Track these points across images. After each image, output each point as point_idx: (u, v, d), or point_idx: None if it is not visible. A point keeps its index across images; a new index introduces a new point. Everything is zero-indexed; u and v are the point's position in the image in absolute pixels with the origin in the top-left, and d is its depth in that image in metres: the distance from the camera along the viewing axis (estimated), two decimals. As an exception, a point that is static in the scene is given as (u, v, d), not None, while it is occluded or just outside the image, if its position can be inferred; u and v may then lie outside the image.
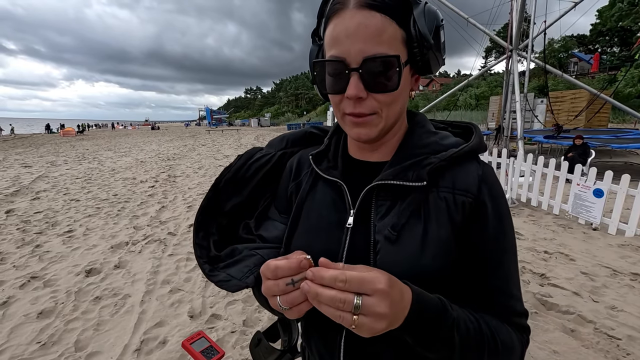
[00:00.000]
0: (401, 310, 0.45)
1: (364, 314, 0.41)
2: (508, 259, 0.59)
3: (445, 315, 0.49)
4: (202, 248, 0.71)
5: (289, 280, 0.45)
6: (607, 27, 38.80)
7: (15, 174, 9.56)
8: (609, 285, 3.16)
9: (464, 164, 0.60)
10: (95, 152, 15.77)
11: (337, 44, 0.53)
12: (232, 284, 0.63)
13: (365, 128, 0.57)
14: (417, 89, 0.63)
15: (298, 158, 0.75)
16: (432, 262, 0.55)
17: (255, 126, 58.48)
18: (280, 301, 0.47)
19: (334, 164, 0.68)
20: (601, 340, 2.42)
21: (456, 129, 0.70)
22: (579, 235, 4.44)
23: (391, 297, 0.43)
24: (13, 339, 2.50)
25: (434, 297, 0.50)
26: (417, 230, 0.56)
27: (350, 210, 0.62)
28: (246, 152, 0.78)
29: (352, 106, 0.55)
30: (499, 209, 0.58)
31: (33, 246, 4.26)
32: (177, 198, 6.72)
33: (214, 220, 0.74)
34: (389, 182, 0.58)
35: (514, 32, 9.78)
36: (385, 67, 0.52)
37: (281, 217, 0.73)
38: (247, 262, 0.65)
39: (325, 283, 0.42)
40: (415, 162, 0.59)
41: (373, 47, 0.51)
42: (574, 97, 16.08)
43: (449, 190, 0.58)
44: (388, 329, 0.44)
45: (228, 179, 0.74)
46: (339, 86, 0.55)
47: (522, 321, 0.60)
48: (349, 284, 0.41)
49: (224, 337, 2.51)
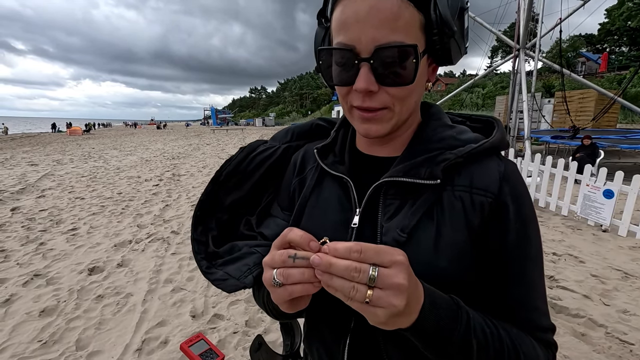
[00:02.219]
0: (417, 297, 0.40)
1: (380, 286, 0.37)
2: (531, 268, 0.53)
3: (459, 314, 0.44)
4: (200, 243, 0.67)
5: (292, 254, 0.40)
6: (615, 27, 38.36)
7: (22, 172, 9.63)
8: (620, 288, 3.08)
9: (483, 160, 0.54)
10: (101, 151, 15.86)
11: (345, 30, 0.47)
12: (229, 284, 0.59)
13: (375, 124, 0.51)
14: (433, 80, 0.57)
15: (303, 152, 0.71)
16: (446, 267, 0.50)
17: (260, 126, 58.67)
18: (275, 274, 0.41)
19: (341, 158, 0.63)
20: (613, 345, 2.35)
21: (475, 124, 0.64)
22: (588, 237, 4.35)
23: (409, 271, 0.38)
24: (14, 337, 2.48)
25: (446, 295, 0.46)
26: (429, 233, 0.51)
27: (356, 209, 0.57)
28: (248, 144, 0.73)
29: (360, 100, 0.50)
30: (522, 210, 0.52)
31: (37, 244, 4.26)
32: (181, 197, 6.72)
33: (213, 216, 0.71)
34: (399, 179, 0.53)
35: (521, 31, 9.67)
36: (400, 57, 0.46)
37: (283, 214, 0.69)
38: (246, 260, 0.61)
39: (339, 255, 0.37)
40: (428, 158, 0.54)
41: (387, 35, 0.45)
42: (582, 97, 15.91)
43: (466, 189, 0.52)
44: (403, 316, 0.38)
45: (228, 173, 0.70)
46: (347, 77, 0.49)
47: (548, 337, 0.53)
48: (364, 254, 0.37)
49: (225, 337, 2.47)
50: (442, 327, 0.42)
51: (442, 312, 0.42)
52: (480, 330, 0.45)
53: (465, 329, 0.44)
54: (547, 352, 0.52)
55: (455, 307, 0.44)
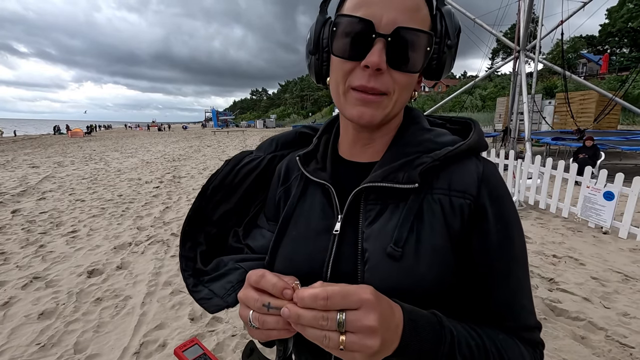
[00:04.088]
0: (394, 328, 0.39)
1: (351, 330, 0.36)
2: (516, 268, 0.52)
3: (443, 333, 0.43)
4: (188, 260, 0.67)
5: (266, 302, 0.41)
6: (616, 28, 38.33)
7: (22, 174, 9.65)
8: (620, 291, 3.06)
9: (461, 162, 0.54)
10: (102, 153, 15.89)
11: (367, 5, 0.48)
12: (212, 304, 0.59)
13: (371, 108, 0.51)
14: (419, 90, 0.59)
15: (287, 161, 0.70)
16: (427, 272, 0.49)
17: (260, 127, 58.70)
18: (251, 317, 0.42)
19: (323, 165, 0.63)
20: (613, 348, 2.34)
21: (455, 125, 0.64)
22: (588, 239, 4.34)
23: (379, 308, 0.38)
24: (13, 340, 2.48)
25: (428, 312, 0.45)
26: (410, 237, 0.51)
27: (338, 215, 0.56)
28: (234, 156, 0.73)
29: (366, 78, 0.49)
30: (502, 211, 0.52)
31: (37, 246, 4.26)
32: (181, 199, 6.72)
33: (202, 230, 0.70)
34: (378, 185, 0.53)
35: (522, 32, 9.67)
36: (417, 43, 0.48)
37: (269, 225, 0.69)
38: (230, 278, 0.61)
39: (306, 304, 0.37)
40: (406, 162, 0.54)
41: (408, 20, 0.47)
42: (583, 98, 15.88)
43: (445, 192, 0.52)
44: (382, 351, 0.38)
45: (215, 187, 0.70)
46: (357, 51, 0.48)
47: (534, 335, 0.54)
48: (331, 300, 0.36)
49: (224, 340, 2.47)
50: (425, 350, 0.42)
51: (423, 335, 0.42)
52: (465, 345, 0.45)
53: (450, 348, 0.43)
54: (534, 352, 0.52)
55: (438, 326, 0.44)
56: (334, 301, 0.37)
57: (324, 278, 0.54)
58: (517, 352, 0.49)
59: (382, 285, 0.43)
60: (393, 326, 0.39)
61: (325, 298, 0.36)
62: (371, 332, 0.36)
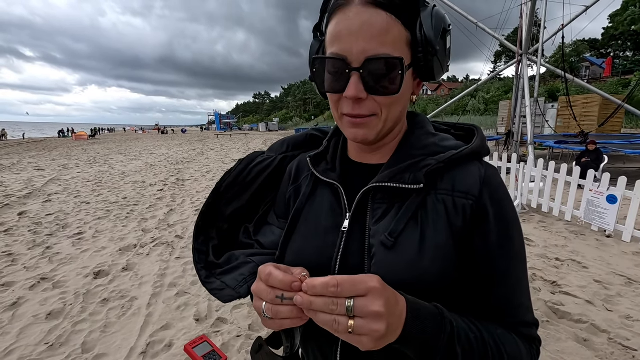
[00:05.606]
0: (398, 315, 0.43)
1: (359, 315, 0.40)
2: (515, 266, 0.56)
3: (444, 324, 0.47)
4: (200, 253, 0.70)
5: (280, 294, 0.44)
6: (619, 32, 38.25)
7: (28, 176, 9.75)
8: (623, 294, 3.07)
9: (465, 165, 0.58)
10: (106, 156, 16.01)
11: (339, 41, 0.51)
12: (225, 294, 0.62)
13: (363, 129, 0.55)
14: (418, 93, 0.61)
15: (297, 162, 0.74)
16: (430, 267, 0.53)
17: (263, 130, 58.86)
18: (265, 308, 0.45)
19: (332, 166, 0.66)
20: (616, 350, 2.35)
21: (459, 132, 0.68)
22: (592, 242, 4.34)
23: (385, 296, 0.41)
24: (22, 340, 2.53)
25: (430, 304, 0.48)
26: (414, 235, 0.54)
27: (346, 213, 0.60)
28: (247, 156, 0.77)
29: (350, 107, 0.53)
30: (502, 212, 0.55)
31: (44, 248, 4.32)
32: (185, 201, 6.77)
33: (214, 225, 0.74)
34: (385, 185, 0.57)
35: (524, 36, 9.68)
36: (387, 68, 0.50)
37: (279, 222, 0.72)
38: (242, 270, 0.64)
39: (317, 292, 0.41)
40: (412, 164, 0.57)
41: (376, 47, 0.49)
42: (586, 102, 15.84)
43: (448, 193, 0.56)
44: (388, 336, 0.41)
45: (229, 184, 0.73)
46: (339, 85, 0.53)
47: (532, 332, 0.57)
48: (341, 287, 0.40)
49: (229, 341, 2.50)
50: (426, 338, 0.45)
51: (425, 324, 0.45)
52: (465, 337, 0.48)
53: (450, 338, 0.46)
54: (531, 347, 0.56)
55: (439, 317, 0.47)
56: (344, 288, 0.40)
57: (333, 271, 0.57)
58: (514, 346, 0.53)
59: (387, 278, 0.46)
60: (397, 313, 0.43)
61: (336, 285, 0.40)
62: (378, 317, 0.40)
